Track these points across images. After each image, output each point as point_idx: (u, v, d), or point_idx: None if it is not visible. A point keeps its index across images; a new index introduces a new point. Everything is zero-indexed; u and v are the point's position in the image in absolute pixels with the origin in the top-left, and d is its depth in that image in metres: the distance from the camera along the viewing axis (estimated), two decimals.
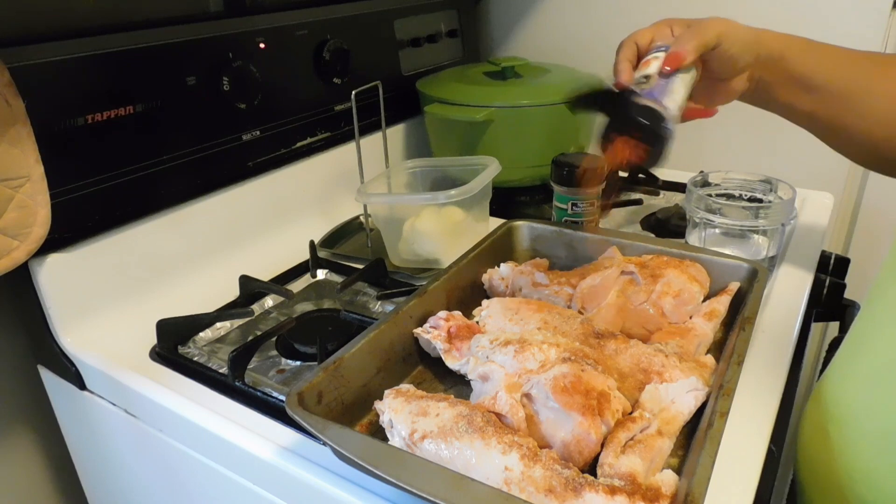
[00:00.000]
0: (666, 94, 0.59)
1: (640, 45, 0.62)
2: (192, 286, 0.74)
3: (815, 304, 0.73)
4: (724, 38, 0.59)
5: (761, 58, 0.60)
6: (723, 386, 0.46)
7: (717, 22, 0.60)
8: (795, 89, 0.61)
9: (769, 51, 0.60)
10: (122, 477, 0.73)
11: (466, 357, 0.53)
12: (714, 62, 0.61)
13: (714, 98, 0.65)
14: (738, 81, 0.63)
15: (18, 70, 0.56)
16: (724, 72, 0.62)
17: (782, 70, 0.61)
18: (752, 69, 0.62)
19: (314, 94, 0.89)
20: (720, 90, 0.64)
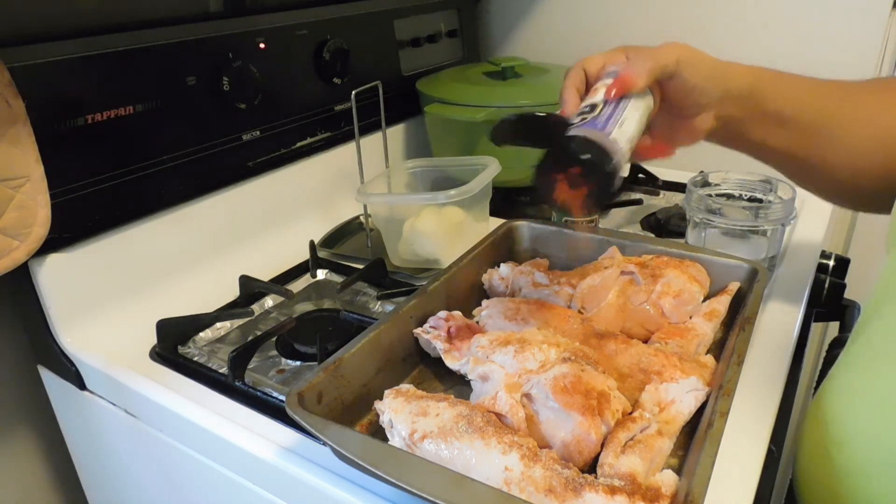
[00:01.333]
0: (613, 124, 0.51)
1: (589, 71, 0.57)
2: (192, 286, 0.74)
3: (815, 304, 0.73)
4: (685, 65, 0.53)
5: (730, 93, 0.55)
6: (723, 386, 0.46)
7: (676, 47, 0.54)
8: (768, 125, 0.56)
9: (738, 86, 0.55)
10: (122, 477, 0.73)
11: (466, 357, 0.53)
12: (674, 94, 0.55)
13: (676, 137, 0.58)
14: (702, 119, 0.56)
15: (18, 70, 0.56)
16: (687, 106, 0.56)
17: (753, 106, 0.56)
18: (720, 107, 0.56)
19: (314, 94, 0.89)
20: (683, 128, 0.57)
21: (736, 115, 0.56)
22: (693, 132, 0.57)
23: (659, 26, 1.06)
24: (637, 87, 0.52)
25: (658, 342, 0.56)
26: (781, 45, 0.98)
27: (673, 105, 0.56)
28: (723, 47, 1.01)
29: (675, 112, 0.57)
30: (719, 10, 1.01)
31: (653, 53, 0.53)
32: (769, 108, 0.56)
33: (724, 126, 0.57)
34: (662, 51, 0.53)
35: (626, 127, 0.51)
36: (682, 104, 0.56)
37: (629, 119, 0.52)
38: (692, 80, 0.53)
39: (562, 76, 0.59)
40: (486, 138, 0.92)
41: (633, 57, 0.54)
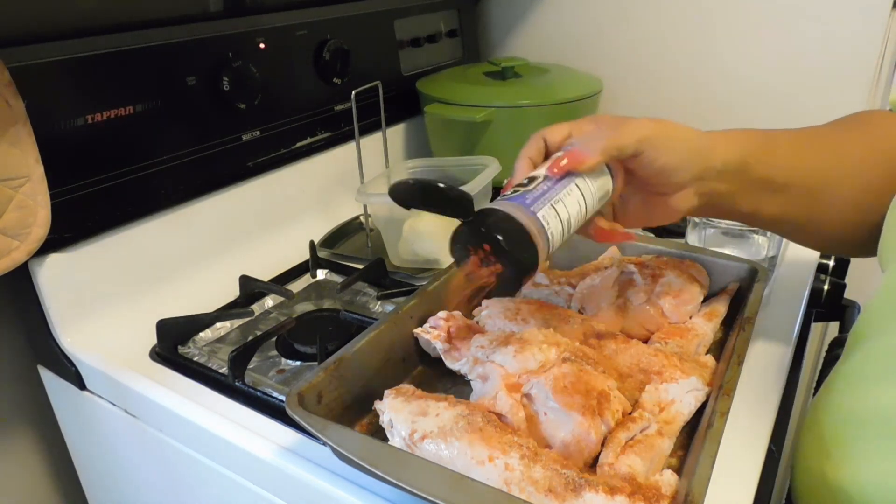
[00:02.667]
0: (545, 203, 0.45)
1: (550, 141, 0.51)
2: (192, 286, 0.74)
3: (815, 304, 0.73)
4: (650, 144, 0.48)
5: (713, 170, 0.50)
6: (723, 386, 0.46)
7: (644, 124, 0.48)
8: (760, 194, 0.52)
9: (724, 161, 0.50)
10: (122, 477, 0.73)
11: (466, 357, 0.53)
12: (642, 173, 0.49)
13: (652, 216, 0.54)
14: (680, 198, 0.50)
15: (18, 70, 0.56)
16: (659, 184, 0.50)
17: (742, 179, 0.51)
18: (702, 184, 0.50)
19: (314, 94, 0.89)
20: (659, 207, 0.52)
21: (721, 190, 0.51)
22: (670, 211, 0.52)
23: (659, 26, 1.06)
24: (583, 165, 0.47)
25: (658, 342, 0.56)
26: (781, 46, 0.98)
27: (643, 183, 0.51)
28: (722, 49, 1.02)
29: (648, 189, 0.51)
30: (718, 11, 1.01)
31: (614, 130, 0.48)
32: (759, 178, 0.51)
33: (709, 202, 0.52)
34: (625, 128, 0.48)
35: (562, 207, 0.46)
36: (652, 182, 0.50)
37: (568, 199, 0.46)
38: (659, 160, 0.48)
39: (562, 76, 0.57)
40: (485, 138, 0.92)
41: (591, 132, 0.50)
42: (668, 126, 0.49)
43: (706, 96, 1.05)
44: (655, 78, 1.09)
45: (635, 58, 1.10)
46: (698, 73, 1.05)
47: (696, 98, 1.06)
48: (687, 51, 1.05)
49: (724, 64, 1.02)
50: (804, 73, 0.97)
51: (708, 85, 1.05)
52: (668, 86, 1.08)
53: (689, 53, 1.05)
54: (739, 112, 1.04)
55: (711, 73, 1.04)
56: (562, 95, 0.93)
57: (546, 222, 0.44)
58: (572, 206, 0.46)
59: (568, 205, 0.46)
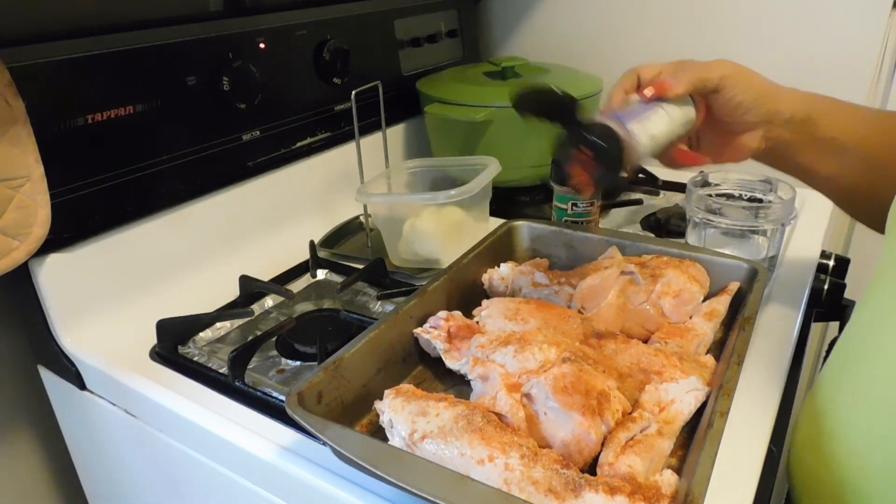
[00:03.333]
0: (637, 120, 0.55)
1: (643, 77, 0.59)
2: (192, 286, 0.74)
3: (815, 304, 0.73)
4: (729, 82, 0.55)
5: (780, 115, 0.56)
6: (723, 386, 0.46)
7: (724, 64, 0.56)
8: (820, 153, 0.57)
9: (792, 111, 0.56)
10: (122, 477, 0.73)
11: (466, 357, 0.53)
12: (719, 109, 0.57)
13: (723, 152, 0.61)
14: (749, 138, 0.58)
15: (18, 70, 0.56)
16: (732, 123, 0.58)
17: (808, 132, 0.57)
18: (770, 128, 0.57)
19: (314, 94, 0.89)
20: (730, 144, 0.59)
21: (786, 138, 0.57)
22: (739, 149, 0.59)
23: (659, 26, 1.06)
24: (671, 93, 0.55)
25: (658, 342, 0.56)
26: (781, 46, 0.98)
27: (719, 120, 0.58)
28: (722, 48, 1.02)
29: (721, 127, 0.58)
30: (719, 10, 1.01)
31: (697, 67, 0.56)
32: (823, 135, 0.56)
33: (773, 147, 0.58)
34: (710, 66, 0.56)
35: (650, 125, 0.54)
36: (726, 120, 0.58)
37: (656, 119, 0.55)
38: (737, 97, 0.55)
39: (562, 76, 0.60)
40: (486, 138, 0.92)
41: (679, 67, 0.57)
42: (746, 70, 0.56)
43: None
44: None
45: (635, 58, 1.09)
46: None
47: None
48: (687, 50, 1.04)
49: None
50: (804, 73, 0.97)
51: None
52: None
53: (689, 53, 1.04)
54: None
55: None
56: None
57: (635, 134, 0.54)
58: (658, 125, 0.55)
59: (654, 122, 0.55)
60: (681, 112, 0.57)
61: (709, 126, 0.59)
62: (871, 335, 0.46)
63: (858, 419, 0.44)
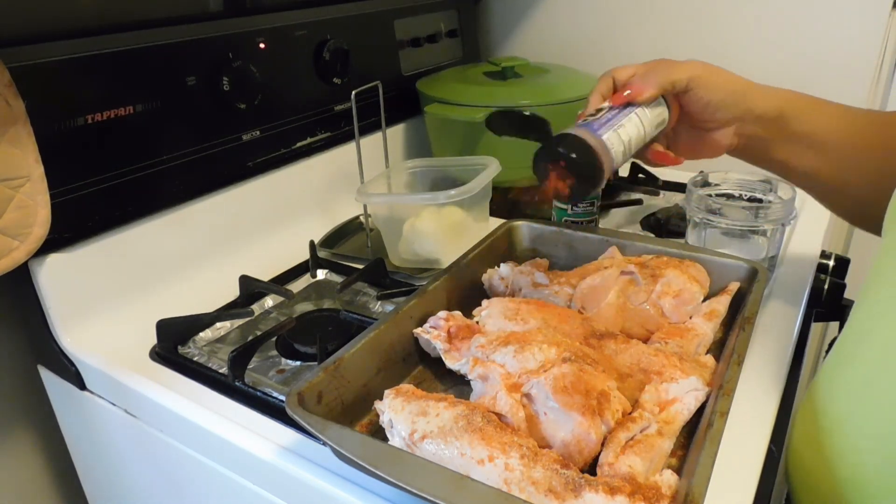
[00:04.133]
0: (609, 127, 0.56)
1: (618, 78, 0.61)
2: (192, 286, 0.74)
3: (815, 304, 0.73)
4: (699, 82, 0.57)
5: (752, 113, 0.58)
6: (723, 386, 0.46)
7: (694, 65, 0.58)
8: (796, 147, 0.58)
9: (764, 108, 0.58)
10: (122, 477, 0.73)
11: (466, 357, 0.53)
12: (691, 108, 0.59)
13: (698, 149, 0.62)
14: (722, 135, 0.60)
15: (18, 70, 0.56)
16: (703, 120, 0.59)
17: (781, 128, 0.58)
18: (742, 125, 0.59)
19: (314, 94, 0.89)
20: (704, 141, 0.61)
21: (759, 135, 0.59)
22: (713, 146, 0.61)
23: (659, 26, 1.06)
24: (641, 97, 0.57)
25: (658, 342, 0.56)
26: (781, 46, 0.98)
27: (691, 118, 0.60)
28: (722, 48, 1.02)
29: (695, 125, 0.60)
30: (719, 10, 1.01)
31: (665, 69, 0.57)
32: (796, 130, 0.57)
33: (748, 143, 0.60)
34: (679, 67, 0.57)
35: (623, 131, 0.56)
36: (698, 118, 0.59)
37: (629, 125, 0.56)
38: (706, 97, 0.57)
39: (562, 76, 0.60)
40: (486, 138, 0.92)
41: (650, 68, 0.59)
42: (715, 69, 0.58)
43: None
44: None
45: (635, 58, 1.09)
46: None
47: None
48: (686, 50, 1.05)
49: (724, 64, 1.02)
50: (804, 73, 0.97)
51: None
52: None
53: (689, 53, 1.04)
54: None
55: None
56: (562, 95, 0.93)
57: (610, 143, 0.55)
58: (632, 130, 0.57)
59: (628, 129, 0.56)
60: (653, 114, 0.58)
61: (683, 124, 0.61)
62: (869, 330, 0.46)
63: (856, 415, 0.45)
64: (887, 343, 0.43)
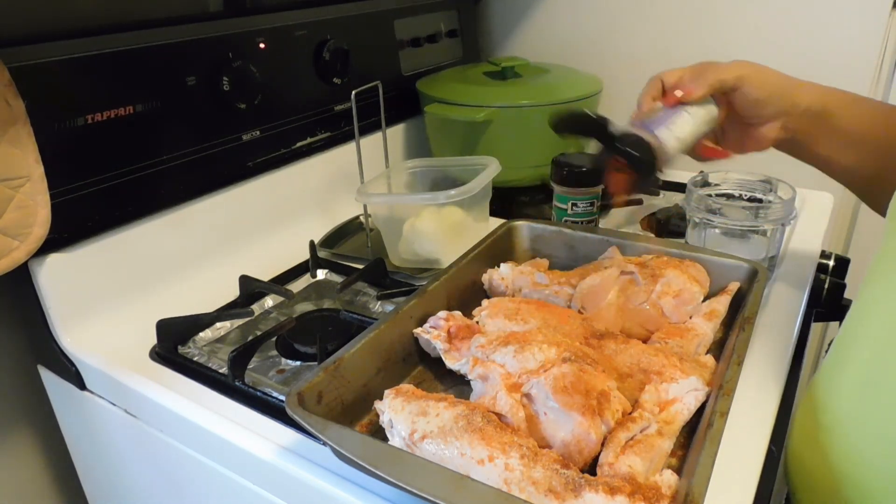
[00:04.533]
0: (664, 125, 0.60)
1: (666, 82, 0.63)
2: (192, 286, 0.74)
3: (815, 304, 0.73)
4: (746, 81, 0.59)
5: (797, 108, 0.60)
6: (723, 386, 0.46)
7: (741, 64, 0.60)
8: (837, 144, 0.60)
9: (808, 103, 0.60)
10: (122, 477, 0.73)
11: (466, 357, 0.53)
12: (738, 106, 0.61)
13: (744, 143, 0.65)
14: (769, 129, 0.62)
15: (18, 70, 0.56)
16: (751, 116, 0.62)
17: (824, 124, 0.60)
18: (788, 119, 0.61)
19: (314, 94, 0.89)
20: (750, 136, 0.63)
21: (804, 129, 0.61)
22: (760, 140, 0.63)
23: (659, 27, 1.06)
24: (692, 97, 0.60)
25: (658, 342, 0.56)
26: (781, 46, 0.98)
27: (739, 114, 0.62)
28: (722, 48, 1.02)
29: (742, 121, 0.63)
30: (719, 10, 1.01)
31: (715, 69, 0.60)
32: (839, 126, 0.59)
33: (792, 138, 0.62)
34: (727, 67, 0.60)
35: (676, 129, 0.60)
36: (746, 115, 0.62)
37: (681, 123, 0.60)
38: (753, 94, 0.59)
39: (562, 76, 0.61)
40: (485, 138, 0.92)
41: (699, 70, 0.61)
42: (761, 67, 0.60)
43: None
44: None
45: (635, 58, 1.10)
46: None
47: None
48: (687, 51, 1.05)
49: None
50: (804, 73, 0.97)
51: None
52: None
53: (689, 53, 1.04)
54: None
55: None
56: (562, 95, 0.93)
57: (665, 140, 0.60)
58: (683, 128, 0.61)
59: (680, 125, 0.61)
60: (703, 112, 0.62)
61: (731, 120, 0.64)
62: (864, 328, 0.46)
63: (856, 415, 0.45)
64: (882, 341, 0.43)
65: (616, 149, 0.60)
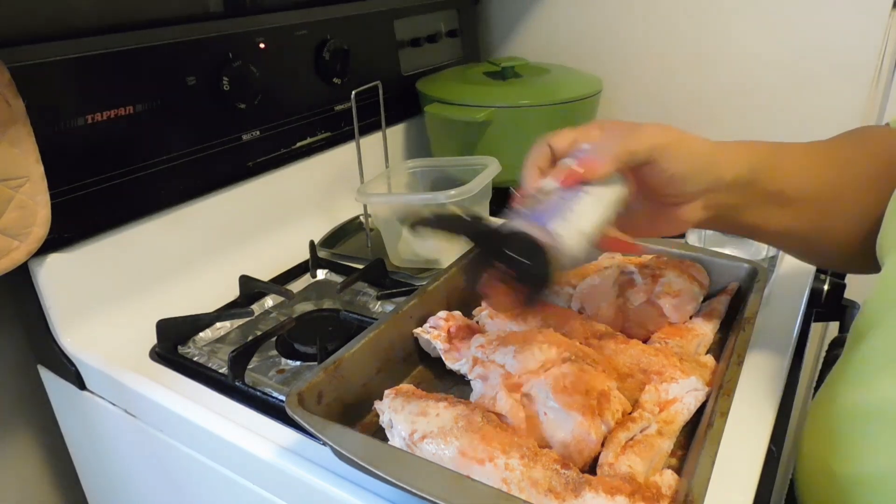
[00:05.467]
0: (560, 216, 0.44)
1: (556, 148, 0.50)
2: (192, 286, 0.74)
3: (815, 304, 0.73)
4: (661, 152, 0.46)
5: (722, 181, 0.49)
6: (723, 386, 0.46)
7: (655, 130, 0.47)
8: (767, 208, 0.51)
9: (735, 173, 0.49)
10: (122, 477, 0.73)
11: (466, 357, 0.53)
12: (652, 182, 0.48)
13: (659, 227, 0.52)
14: (689, 210, 0.50)
15: (18, 70, 0.56)
16: (668, 195, 0.49)
17: (752, 191, 0.50)
18: (711, 196, 0.49)
19: (314, 94, 0.89)
20: (666, 218, 0.51)
21: (730, 202, 0.51)
22: (677, 222, 0.51)
23: (659, 27, 1.06)
24: (596, 174, 0.46)
25: (658, 342, 0.56)
26: (781, 45, 0.98)
27: (653, 192, 0.49)
28: (721, 48, 1.02)
29: (656, 199, 0.50)
30: (718, 11, 1.01)
31: (625, 137, 0.47)
32: (767, 190, 0.51)
33: (716, 214, 0.51)
34: (638, 135, 0.47)
35: (577, 219, 0.45)
36: (662, 193, 0.49)
37: (583, 209, 0.45)
38: (671, 168, 0.47)
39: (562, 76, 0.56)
40: (485, 138, 0.92)
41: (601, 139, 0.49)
42: (679, 134, 0.48)
43: (706, 96, 1.05)
44: (655, 78, 1.09)
45: (635, 58, 1.10)
46: (698, 73, 1.05)
47: (696, 97, 1.06)
48: (687, 50, 1.05)
49: (724, 64, 1.02)
50: (804, 73, 0.97)
51: (708, 84, 1.05)
52: (667, 86, 1.08)
53: (689, 53, 1.05)
54: (739, 112, 1.04)
55: (711, 72, 1.04)
56: (562, 95, 0.93)
57: (561, 236, 0.43)
58: (586, 215, 0.45)
59: (581, 214, 0.45)
60: (609, 192, 0.47)
61: (641, 199, 0.51)
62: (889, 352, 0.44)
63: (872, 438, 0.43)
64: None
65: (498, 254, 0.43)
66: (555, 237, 0.43)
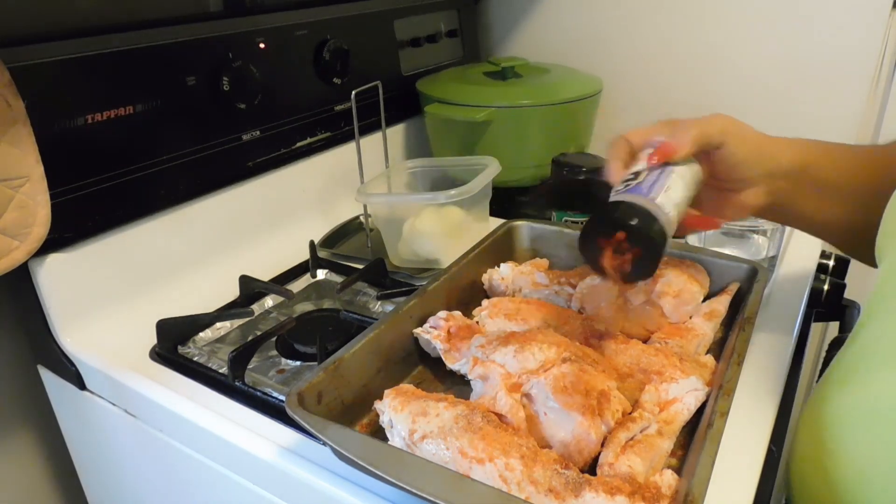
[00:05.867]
0: (657, 189, 0.49)
1: (633, 142, 0.55)
2: (192, 286, 0.74)
3: (815, 304, 0.73)
4: (730, 137, 0.52)
5: (780, 168, 0.54)
6: (723, 386, 0.46)
7: (721, 118, 0.53)
8: (818, 198, 0.55)
9: (790, 160, 0.54)
10: (122, 477, 0.73)
11: (466, 357, 0.53)
12: (720, 167, 0.54)
13: (723, 211, 0.57)
14: (751, 194, 0.54)
15: (18, 70, 0.56)
16: (733, 180, 0.54)
17: (805, 180, 0.55)
18: (772, 180, 0.54)
19: (314, 94, 0.89)
20: (730, 203, 0.55)
21: (787, 189, 0.55)
22: (741, 207, 0.55)
23: (659, 26, 1.06)
24: (680, 153, 0.51)
25: (658, 342, 0.56)
26: (782, 45, 0.98)
27: (719, 179, 0.55)
28: (722, 48, 1.02)
29: (721, 186, 0.55)
30: (719, 11, 1.01)
31: (698, 121, 0.52)
32: (822, 179, 0.55)
33: (776, 201, 0.55)
34: (708, 121, 0.52)
35: (672, 193, 0.49)
36: (727, 178, 0.54)
37: (674, 186, 0.50)
38: (739, 153, 0.52)
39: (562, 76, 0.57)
40: (486, 138, 0.92)
41: (678, 126, 0.53)
42: (740, 123, 0.53)
43: (706, 96, 1.05)
44: (655, 78, 1.09)
45: (635, 58, 1.10)
46: (698, 73, 1.05)
47: (697, 98, 1.06)
48: (687, 50, 1.05)
49: (725, 64, 1.02)
50: (804, 73, 0.97)
51: (708, 84, 1.05)
52: (668, 86, 1.08)
53: (690, 53, 1.05)
54: (740, 112, 1.03)
55: (712, 72, 1.04)
56: (562, 95, 0.93)
57: (663, 206, 0.48)
58: (677, 191, 0.50)
59: (675, 190, 0.50)
60: (691, 173, 0.52)
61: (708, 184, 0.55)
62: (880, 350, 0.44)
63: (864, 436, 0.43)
64: None
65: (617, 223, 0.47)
66: (658, 206, 0.48)
